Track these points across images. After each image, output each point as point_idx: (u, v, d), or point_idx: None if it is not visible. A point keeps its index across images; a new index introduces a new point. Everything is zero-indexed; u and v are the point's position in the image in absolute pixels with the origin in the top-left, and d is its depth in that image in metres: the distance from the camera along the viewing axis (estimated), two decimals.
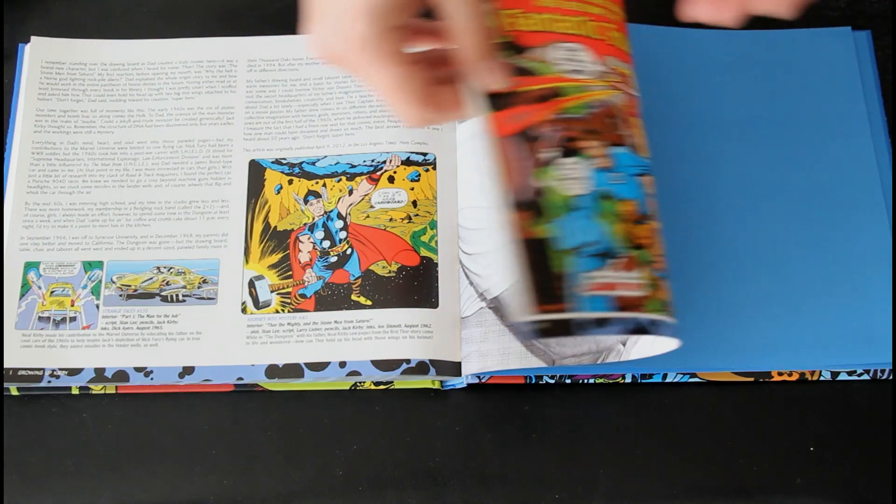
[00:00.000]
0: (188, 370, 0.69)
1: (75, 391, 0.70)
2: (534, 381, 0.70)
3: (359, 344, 0.69)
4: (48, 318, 0.70)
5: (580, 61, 0.59)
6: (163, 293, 0.71)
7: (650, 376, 0.70)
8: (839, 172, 0.75)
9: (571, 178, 0.57)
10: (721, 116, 0.77)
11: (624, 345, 0.66)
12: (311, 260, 0.72)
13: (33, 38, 0.78)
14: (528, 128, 0.58)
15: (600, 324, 0.55)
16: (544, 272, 0.55)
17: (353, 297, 0.70)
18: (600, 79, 0.60)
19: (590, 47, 0.60)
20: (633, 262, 0.57)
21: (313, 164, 0.75)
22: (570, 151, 0.58)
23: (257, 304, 0.71)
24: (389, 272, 0.71)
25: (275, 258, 0.73)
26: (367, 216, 0.73)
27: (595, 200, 0.57)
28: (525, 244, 0.55)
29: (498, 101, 0.58)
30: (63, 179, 0.75)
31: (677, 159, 0.75)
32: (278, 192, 0.75)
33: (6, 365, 0.69)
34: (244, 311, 0.71)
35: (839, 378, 0.70)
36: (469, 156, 0.73)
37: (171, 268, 0.72)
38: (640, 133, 0.60)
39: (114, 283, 0.72)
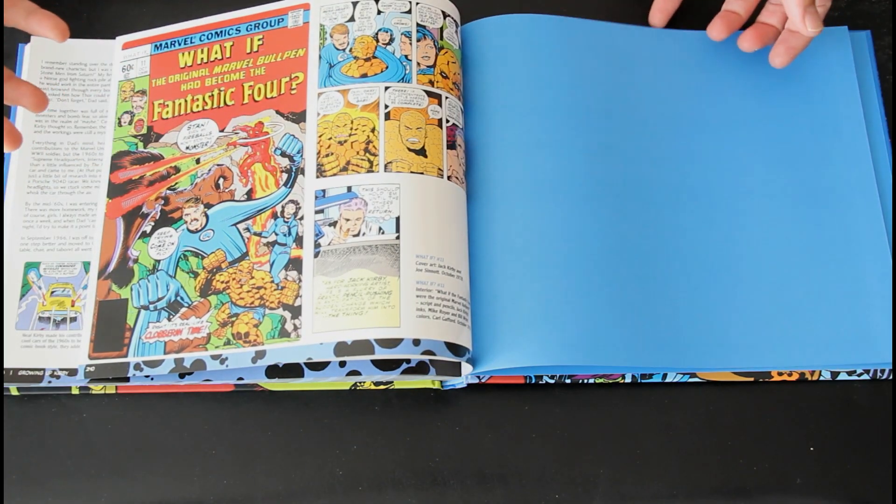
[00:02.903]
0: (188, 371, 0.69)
1: (75, 391, 0.70)
2: (534, 381, 0.70)
3: None
4: (48, 318, 0.70)
5: (202, 135, 0.73)
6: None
7: (650, 376, 0.70)
8: (836, 172, 0.75)
9: (162, 244, 0.70)
10: (719, 117, 0.77)
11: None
12: None
13: (33, 38, 0.78)
14: (136, 208, 0.71)
15: (152, 365, 0.67)
16: (116, 326, 0.68)
17: None
18: (218, 144, 0.72)
19: (214, 117, 0.73)
20: (203, 308, 0.68)
21: None
22: (168, 221, 0.71)
23: None
24: None
25: None
26: None
27: (176, 261, 0.69)
28: (104, 305, 0.69)
29: (114, 189, 0.72)
30: (63, 179, 0.75)
31: (678, 160, 0.75)
32: None
33: (6, 365, 0.69)
34: None
35: (839, 378, 0.70)
36: None
37: None
38: (261, 175, 0.71)
39: None
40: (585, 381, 0.70)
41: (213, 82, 0.75)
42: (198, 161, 0.73)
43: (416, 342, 0.64)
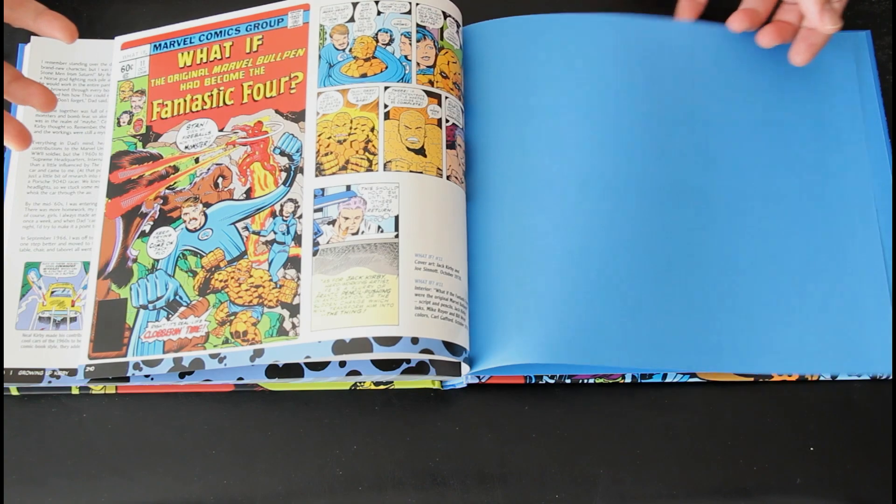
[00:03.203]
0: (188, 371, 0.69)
1: (75, 391, 0.70)
2: (534, 381, 0.70)
3: None
4: (48, 318, 0.71)
5: (202, 134, 0.73)
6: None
7: (650, 376, 0.70)
8: (837, 177, 0.75)
9: (161, 244, 0.70)
10: (724, 117, 0.76)
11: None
12: None
13: (33, 38, 0.78)
14: (135, 207, 0.71)
15: (151, 364, 0.67)
16: (115, 325, 0.68)
17: None
18: (217, 143, 0.72)
19: (213, 117, 0.73)
20: (202, 307, 0.68)
21: None
22: (167, 220, 0.71)
23: None
24: None
25: None
26: None
27: (175, 260, 0.69)
28: (103, 304, 0.69)
29: (113, 189, 0.72)
30: (63, 179, 0.75)
31: (679, 160, 0.74)
32: None
33: (6, 365, 0.69)
34: None
35: (839, 378, 0.70)
36: None
37: None
38: (260, 174, 0.71)
39: None
40: (585, 381, 0.70)
41: (213, 82, 0.75)
42: (197, 160, 0.73)
43: (415, 340, 0.64)
